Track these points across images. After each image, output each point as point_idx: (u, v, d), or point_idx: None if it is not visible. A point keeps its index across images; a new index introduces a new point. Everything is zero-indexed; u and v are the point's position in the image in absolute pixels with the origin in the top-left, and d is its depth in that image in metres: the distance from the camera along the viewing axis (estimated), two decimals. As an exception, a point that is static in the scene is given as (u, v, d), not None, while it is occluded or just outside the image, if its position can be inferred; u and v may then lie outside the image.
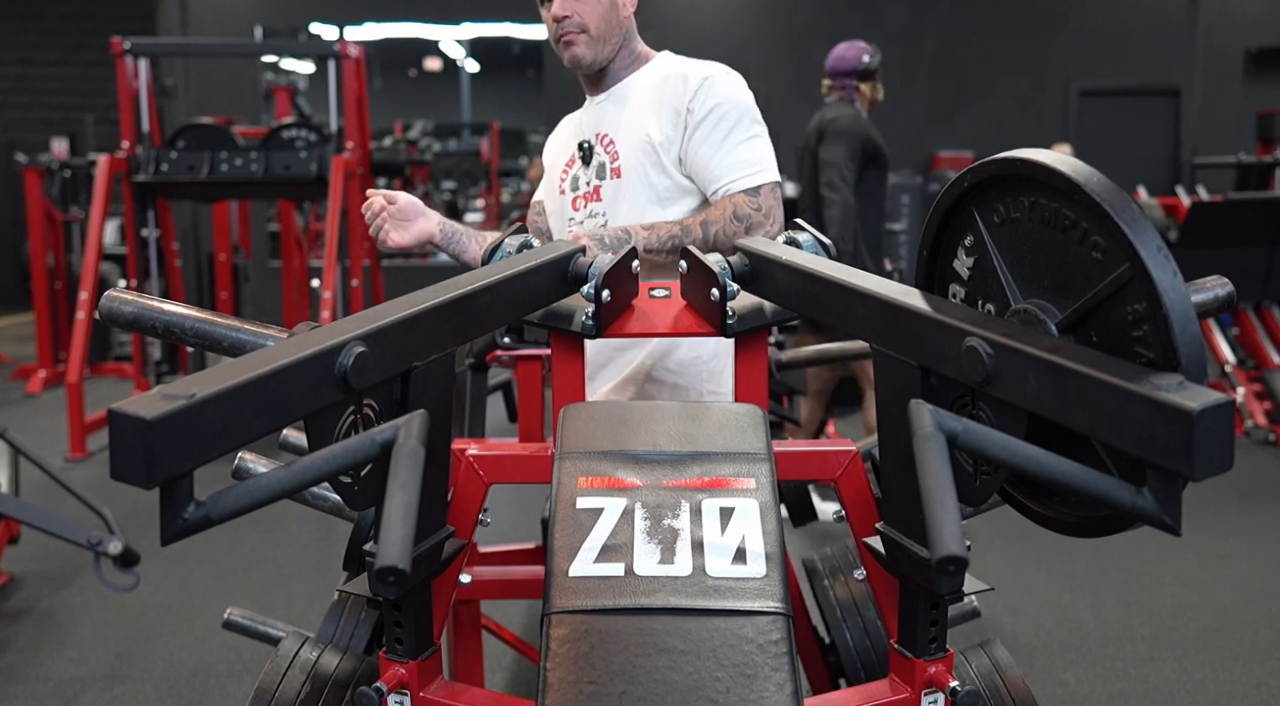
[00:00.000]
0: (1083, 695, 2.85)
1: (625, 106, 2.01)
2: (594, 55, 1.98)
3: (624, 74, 2.04)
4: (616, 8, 2.00)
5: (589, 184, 2.03)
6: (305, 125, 6.24)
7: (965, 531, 0.90)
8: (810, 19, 10.30)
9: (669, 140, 1.93)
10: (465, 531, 1.36)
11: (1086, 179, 1.03)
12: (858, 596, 1.85)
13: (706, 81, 1.93)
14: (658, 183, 1.95)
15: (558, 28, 1.97)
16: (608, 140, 2.01)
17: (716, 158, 1.91)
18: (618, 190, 1.98)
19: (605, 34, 1.98)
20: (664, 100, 1.95)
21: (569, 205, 2.06)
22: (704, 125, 1.91)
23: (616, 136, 2.00)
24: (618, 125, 2.00)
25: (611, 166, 1.99)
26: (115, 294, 1.31)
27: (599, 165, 2.02)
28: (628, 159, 1.97)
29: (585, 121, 2.09)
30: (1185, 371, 0.96)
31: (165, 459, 0.89)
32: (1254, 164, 7.87)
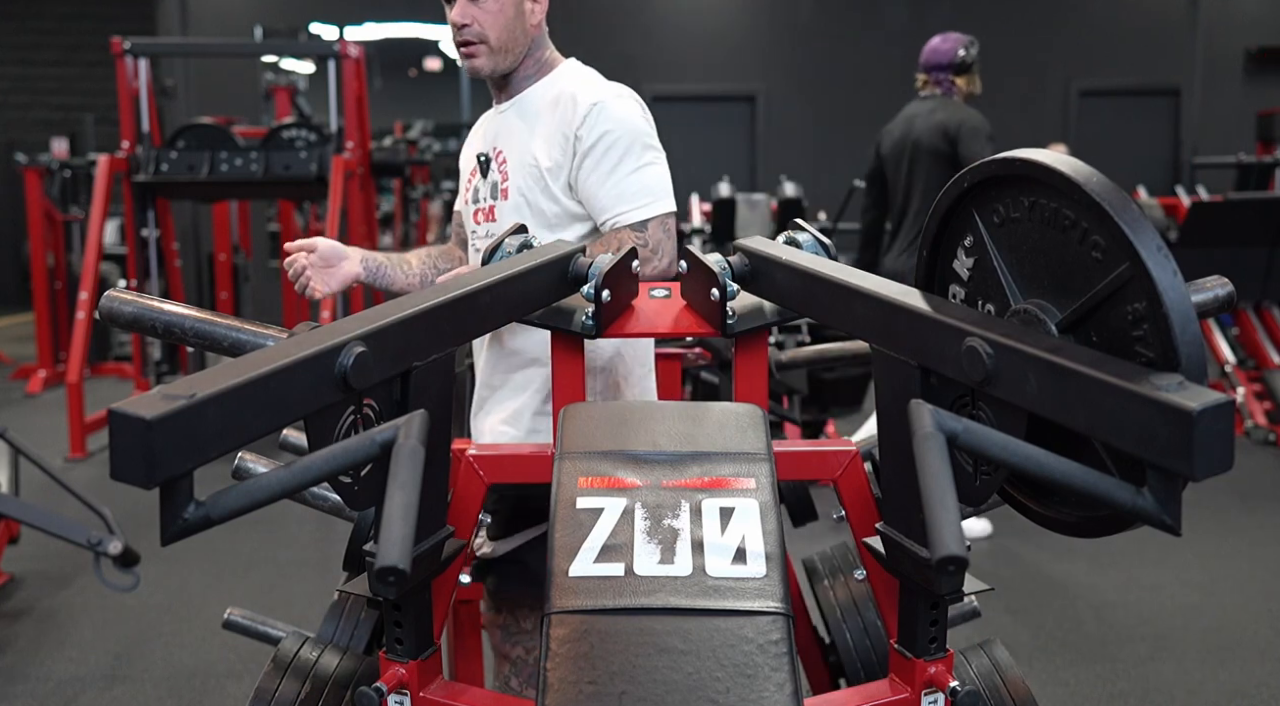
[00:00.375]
0: (1083, 695, 2.85)
1: (521, 122, 1.94)
2: (494, 66, 1.90)
3: (526, 84, 1.96)
4: (522, 17, 1.89)
5: (485, 200, 1.98)
6: (305, 125, 6.24)
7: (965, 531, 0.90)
8: (810, 19, 10.30)
9: (558, 166, 1.86)
10: (465, 531, 1.36)
11: (1086, 179, 1.03)
12: (858, 596, 1.85)
13: (596, 107, 1.84)
14: (546, 209, 1.89)
15: (459, 34, 1.89)
16: (502, 157, 1.96)
17: (605, 188, 1.84)
18: (505, 214, 1.93)
19: (507, 45, 1.89)
20: (554, 123, 1.88)
21: (471, 217, 2.02)
22: (593, 153, 1.84)
23: (509, 155, 1.94)
24: (511, 142, 1.94)
25: (501, 187, 1.94)
26: (115, 294, 1.31)
27: (493, 183, 1.97)
28: (515, 182, 1.92)
29: (489, 130, 2.02)
30: (1185, 371, 0.96)
31: (165, 459, 0.89)
32: (1254, 164, 7.87)
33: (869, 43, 10.32)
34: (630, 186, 1.84)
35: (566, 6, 10.21)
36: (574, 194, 1.87)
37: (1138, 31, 10.37)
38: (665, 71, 10.30)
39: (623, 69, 10.15)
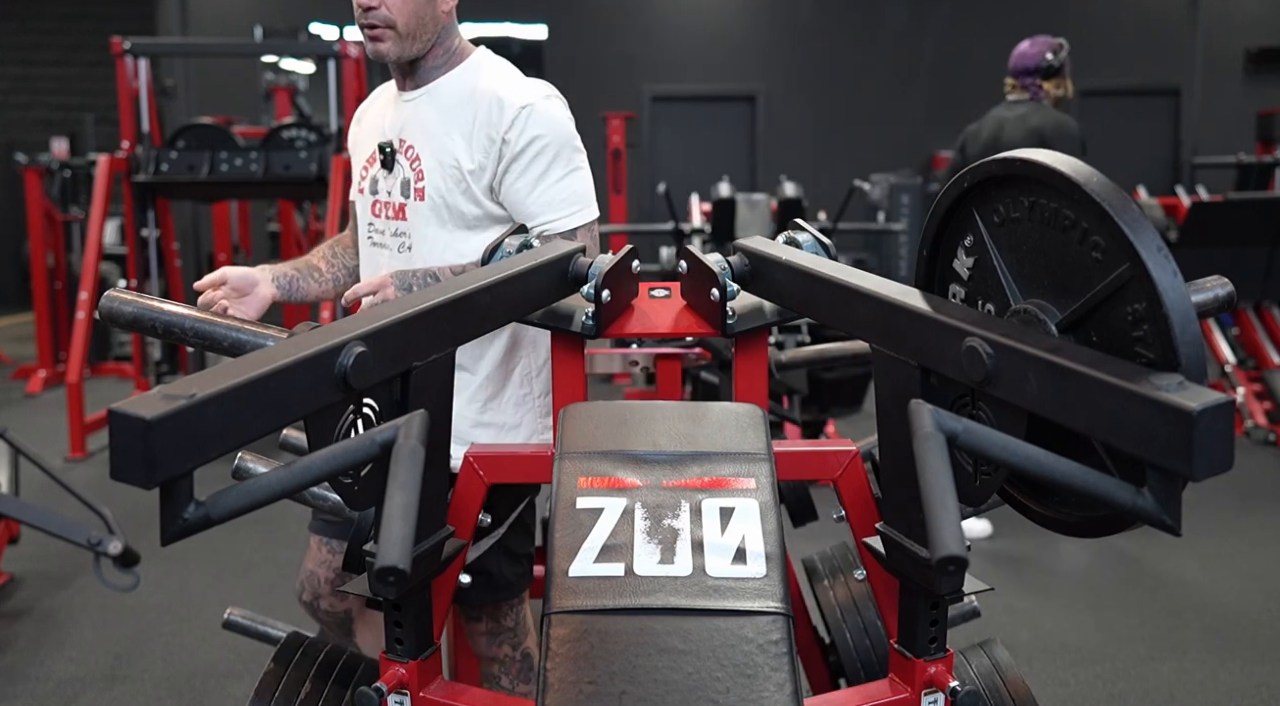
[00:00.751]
0: (1083, 695, 2.85)
1: (434, 116, 1.86)
2: (400, 52, 1.82)
3: (436, 73, 1.88)
4: (433, 3, 1.82)
5: (389, 194, 1.90)
6: (305, 125, 6.24)
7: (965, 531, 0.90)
8: (810, 19, 10.30)
9: (481, 168, 1.81)
10: (465, 531, 1.36)
11: (1086, 179, 1.03)
12: (858, 596, 1.85)
13: (525, 111, 1.79)
14: (467, 211, 1.83)
15: (364, 16, 1.80)
16: (413, 153, 1.87)
17: (533, 195, 1.81)
18: (422, 215, 1.85)
19: (415, 31, 1.81)
20: (476, 123, 1.81)
21: (368, 208, 1.94)
22: (521, 159, 1.79)
23: (422, 151, 1.85)
24: (424, 137, 1.86)
25: (416, 186, 1.85)
26: (115, 294, 1.31)
27: (403, 180, 1.88)
28: (434, 182, 1.83)
29: (391, 118, 1.92)
30: (1185, 371, 0.96)
31: (165, 459, 0.89)
32: (1254, 164, 7.87)
33: (869, 43, 10.32)
34: (559, 194, 1.81)
35: (567, 6, 10.23)
36: (495, 196, 1.83)
37: (1138, 31, 10.37)
38: (665, 71, 10.30)
39: (623, 69, 10.20)
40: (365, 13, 1.80)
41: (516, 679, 2.02)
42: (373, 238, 1.93)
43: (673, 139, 10.33)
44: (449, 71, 1.88)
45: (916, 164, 9.87)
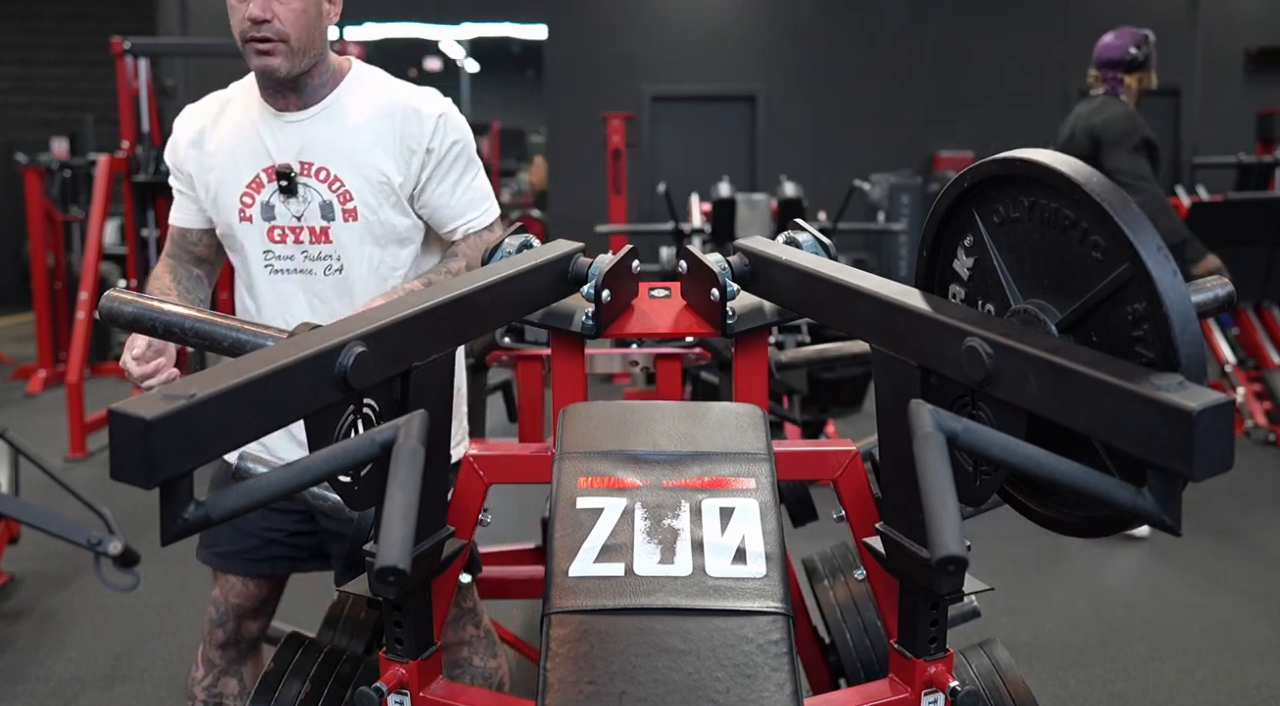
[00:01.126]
0: (1083, 695, 2.85)
1: (342, 134, 1.85)
2: (290, 68, 1.79)
3: (324, 91, 1.87)
4: (321, 18, 1.83)
5: (300, 218, 1.86)
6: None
7: (965, 531, 0.90)
8: (810, 19, 10.30)
9: (405, 181, 1.86)
10: (465, 531, 1.36)
11: (1086, 179, 1.03)
12: (858, 596, 1.85)
13: (441, 119, 1.86)
14: (399, 224, 1.88)
15: (252, 29, 1.76)
16: (326, 175, 1.85)
17: (455, 197, 1.90)
18: (356, 234, 1.86)
19: (305, 46, 1.80)
20: (396, 136, 1.85)
21: (262, 235, 1.87)
22: (443, 165, 1.88)
23: (340, 172, 1.84)
24: (335, 157, 1.84)
25: (344, 208, 1.85)
26: (115, 294, 1.31)
27: (323, 203, 1.85)
28: (365, 201, 1.85)
29: (277, 140, 1.86)
30: (1185, 371, 0.96)
31: (165, 459, 0.89)
32: (1254, 164, 7.87)
33: (869, 43, 10.32)
34: (476, 193, 1.93)
35: (567, 6, 10.23)
36: (416, 205, 1.89)
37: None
38: (665, 71, 10.30)
39: (623, 69, 10.20)
40: (256, 26, 1.75)
41: (486, 654, 2.06)
42: (274, 265, 1.87)
43: (673, 139, 10.34)
44: (337, 88, 1.88)
45: (916, 164, 9.87)
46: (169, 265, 1.98)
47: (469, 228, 1.93)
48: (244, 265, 1.92)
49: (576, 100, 10.03)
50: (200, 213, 1.94)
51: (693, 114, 10.39)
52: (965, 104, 10.23)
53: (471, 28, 12.02)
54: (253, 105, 1.88)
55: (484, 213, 1.94)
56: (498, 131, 12.61)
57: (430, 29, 12.34)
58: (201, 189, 1.90)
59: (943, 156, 9.96)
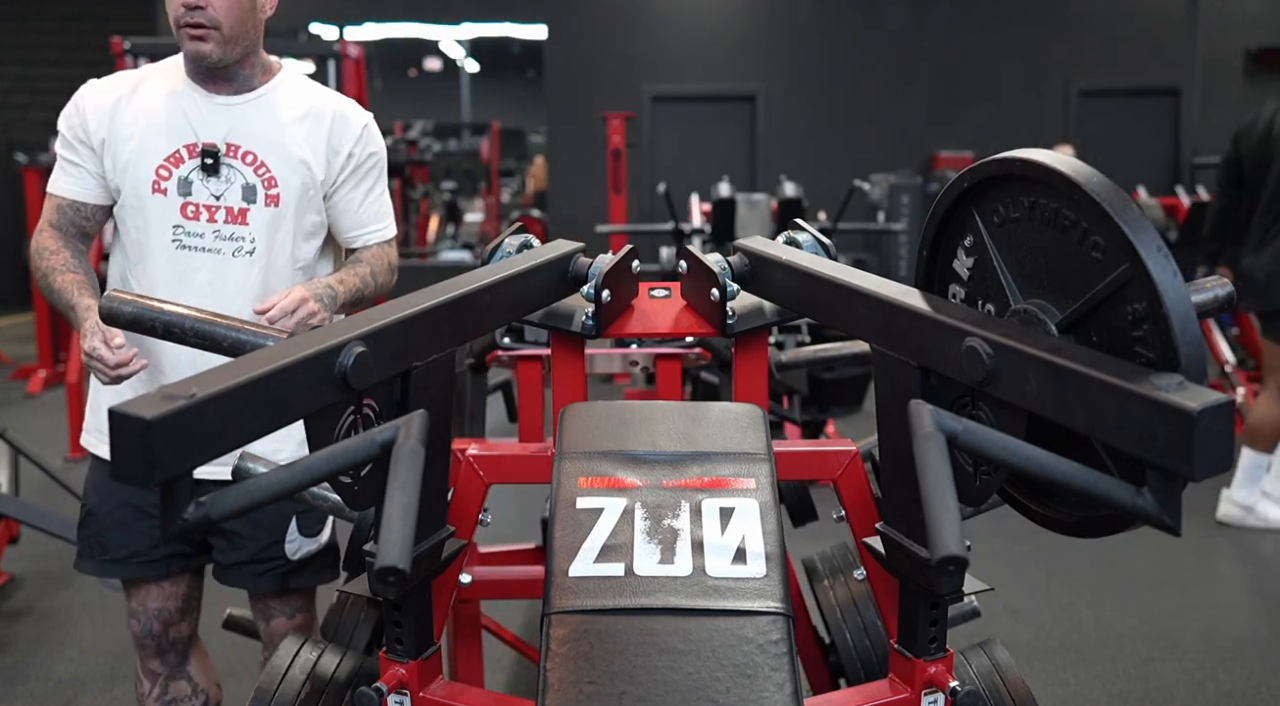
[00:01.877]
0: (1083, 695, 2.85)
1: (272, 124, 1.88)
2: (223, 55, 1.80)
3: (257, 82, 1.90)
4: (255, 9, 1.85)
5: (219, 197, 1.85)
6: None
7: (965, 531, 0.90)
8: (810, 19, 10.30)
9: (326, 179, 1.92)
10: (465, 531, 1.36)
11: (1086, 179, 1.03)
12: (858, 596, 1.85)
13: (367, 128, 1.94)
14: (309, 220, 1.92)
15: (186, 15, 1.77)
16: (253, 159, 1.86)
17: (364, 206, 1.97)
18: (274, 220, 1.88)
19: (239, 34, 1.81)
20: (324, 136, 1.90)
21: (176, 210, 1.85)
22: (359, 171, 1.95)
23: (268, 158, 1.87)
24: (264, 144, 1.87)
25: (267, 192, 1.87)
26: (115, 294, 1.31)
27: (245, 186, 1.86)
28: (289, 189, 1.88)
29: (204, 118, 1.86)
30: (1185, 371, 0.96)
31: (165, 459, 0.89)
32: (1254, 164, 7.86)
33: (869, 43, 10.31)
34: (382, 207, 2.01)
35: (567, 6, 10.23)
36: (325, 204, 1.94)
37: (1138, 31, 10.36)
38: (665, 71, 10.30)
39: (623, 69, 10.19)
40: (190, 11, 1.76)
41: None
42: (183, 241, 1.85)
43: (673, 139, 10.33)
44: (269, 81, 1.92)
45: (916, 164, 9.86)
46: (58, 237, 1.94)
47: (370, 239, 2.00)
48: (141, 238, 1.88)
49: (576, 100, 10.03)
50: (100, 187, 1.90)
51: (693, 114, 10.39)
52: (965, 104, 10.22)
53: (471, 28, 12.02)
54: (176, 83, 1.88)
55: (386, 227, 2.02)
56: (498, 131, 12.61)
57: (430, 29, 12.35)
58: (110, 158, 1.86)
59: (943, 156, 9.95)
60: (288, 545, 1.98)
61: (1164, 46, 10.30)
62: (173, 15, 1.79)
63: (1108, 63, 10.36)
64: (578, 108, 9.93)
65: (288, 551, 1.98)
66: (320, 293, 1.79)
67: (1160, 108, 10.46)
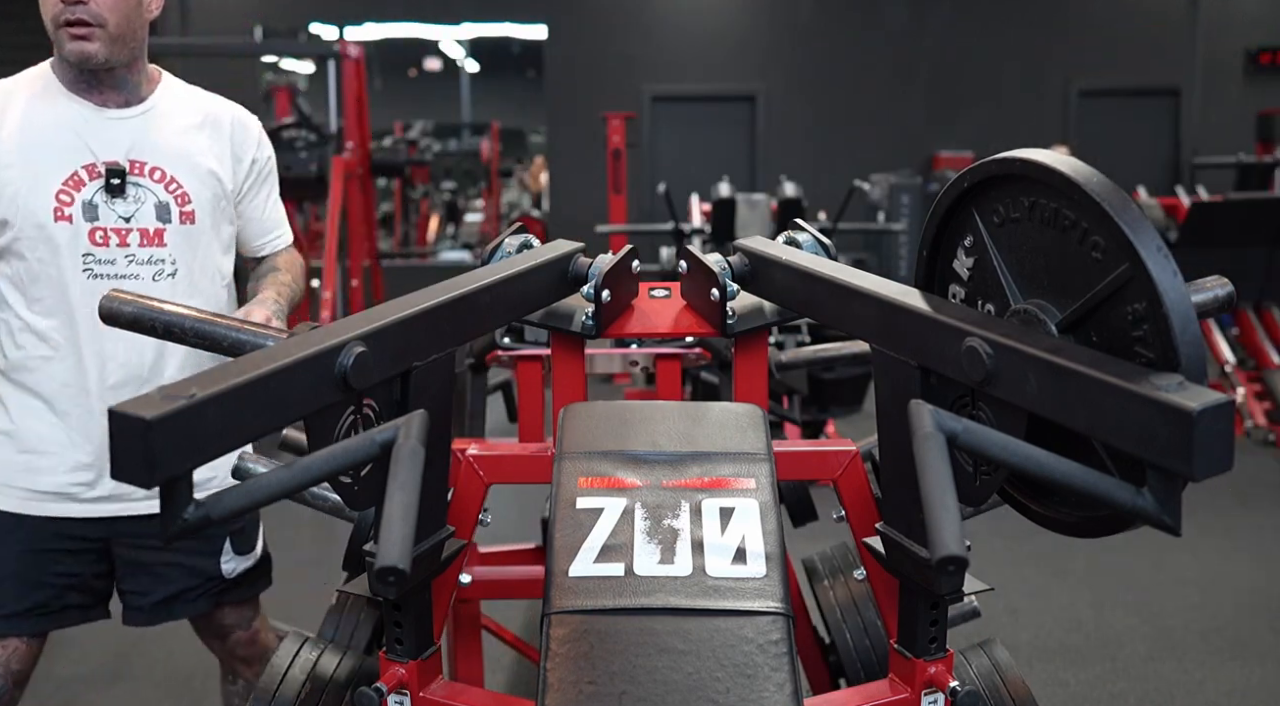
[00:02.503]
0: (1083, 695, 2.85)
1: (173, 135, 1.79)
2: (108, 54, 1.69)
3: (145, 91, 1.81)
4: (141, 9, 1.75)
5: (130, 220, 1.74)
6: (305, 125, 6.23)
7: (965, 531, 0.90)
8: (810, 19, 10.30)
9: (234, 188, 1.87)
10: (465, 531, 1.36)
11: (1086, 179, 1.03)
12: (858, 596, 1.85)
13: (262, 133, 1.94)
14: (225, 232, 1.87)
15: (66, 11, 1.65)
16: (161, 175, 1.77)
17: (267, 212, 1.97)
18: (191, 238, 1.79)
19: (125, 34, 1.72)
20: (226, 143, 1.86)
21: (84, 237, 1.72)
22: (261, 177, 1.94)
23: (175, 172, 1.78)
24: (170, 157, 1.78)
25: (182, 209, 1.78)
26: (115, 294, 1.31)
27: (158, 204, 1.76)
28: (202, 204, 1.80)
29: (101, 136, 1.74)
30: (1185, 371, 0.96)
31: (165, 459, 0.89)
32: (1254, 164, 7.87)
33: (869, 43, 10.31)
34: (280, 212, 2.01)
35: (567, 6, 10.23)
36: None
37: (1138, 31, 10.36)
38: (665, 71, 10.30)
39: (623, 69, 10.19)
40: (70, 7, 1.65)
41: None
42: (93, 269, 1.73)
43: (673, 139, 10.33)
44: (156, 89, 1.83)
45: (916, 164, 9.87)
46: None
47: (278, 244, 2.00)
48: (47, 270, 1.72)
49: (576, 100, 10.03)
50: None
51: (693, 114, 10.39)
52: (965, 104, 10.22)
53: (471, 28, 12.01)
54: (54, 98, 1.74)
55: (286, 231, 2.02)
56: (497, 131, 12.60)
57: (430, 29, 12.33)
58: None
59: (943, 156, 9.95)
60: (224, 565, 1.94)
61: (1164, 46, 10.31)
62: (50, 15, 1.67)
63: (1108, 63, 10.36)
64: (578, 108, 9.93)
65: (224, 571, 1.95)
66: (277, 312, 1.74)
67: (1160, 108, 10.46)
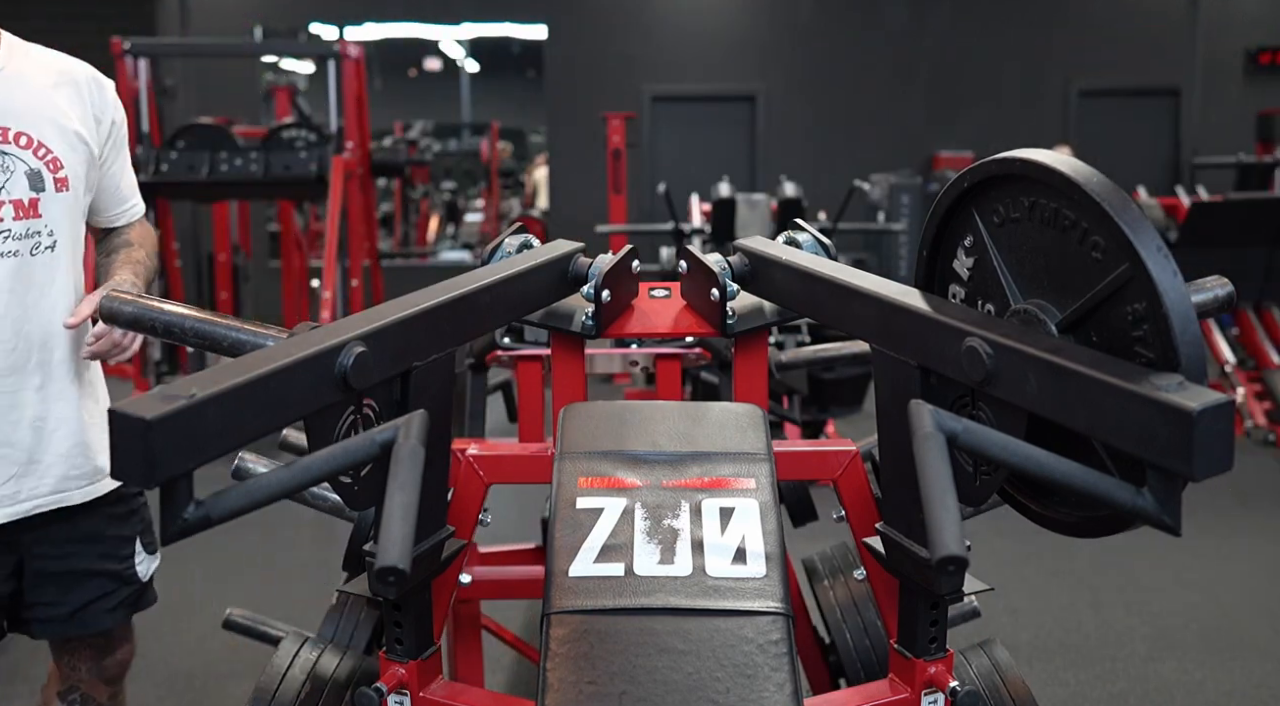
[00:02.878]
0: (1083, 695, 2.85)
1: (33, 98, 1.66)
2: None
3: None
4: None
5: (5, 191, 1.62)
6: (305, 125, 6.24)
7: (965, 531, 0.90)
8: (810, 19, 10.30)
9: (98, 152, 1.73)
10: (465, 531, 1.36)
11: (1086, 179, 1.03)
12: (858, 596, 1.85)
13: (114, 92, 1.78)
14: (87, 202, 1.75)
15: None
16: (28, 140, 1.64)
17: (125, 178, 1.83)
18: (70, 206, 1.69)
19: None
20: (86, 104, 1.71)
21: None
22: (118, 141, 1.78)
23: (44, 137, 1.65)
24: (36, 121, 1.65)
25: (55, 177, 1.65)
26: (115, 294, 1.31)
27: (30, 172, 1.63)
28: (74, 170, 1.68)
29: None
30: (1185, 371, 0.96)
31: (165, 459, 0.89)
32: (1254, 164, 7.87)
33: (869, 43, 10.31)
34: (133, 179, 1.88)
35: (567, 6, 10.23)
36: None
37: (1138, 31, 10.36)
38: (665, 71, 10.29)
39: (623, 69, 10.19)
40: None
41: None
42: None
43: (673, 139, 10.33)
44: (2, 48, 1.71)
45: (916, 164, 9.86)
46: None
47: (133, 215, 1.89)
48: None
49: (576, 100, 10.02)
50: None
51: (693, 114, 10.39)
52: (965, 104, 10.22)
53: (471, 28, 12.01)
54: None
55: (139, 202, 1.90)
56: (497, 131, 12.61)
57: (430, 29, 12.33)
58: None
59: (943, 156, 9.95)
60: (139, 566, 1.88)
61: (1164, 46, 10.30)
62: None
63: (1108, 63, 10.36)
64: (578, 108, 9.93)
65: (139, 573, 1.88)
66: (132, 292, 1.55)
67: (1160, 108, 10.46)
